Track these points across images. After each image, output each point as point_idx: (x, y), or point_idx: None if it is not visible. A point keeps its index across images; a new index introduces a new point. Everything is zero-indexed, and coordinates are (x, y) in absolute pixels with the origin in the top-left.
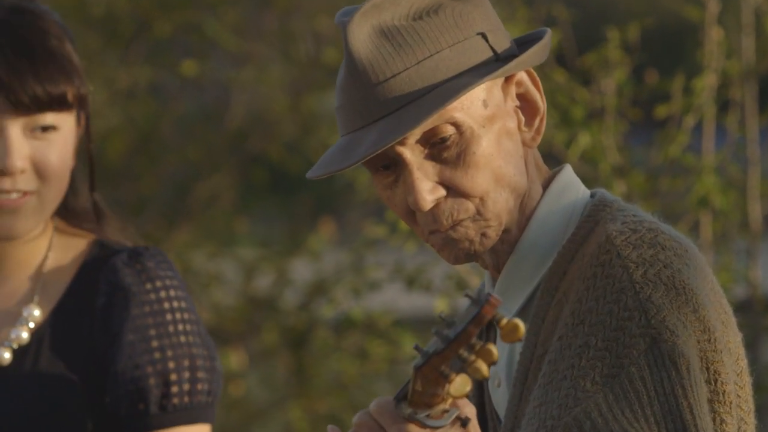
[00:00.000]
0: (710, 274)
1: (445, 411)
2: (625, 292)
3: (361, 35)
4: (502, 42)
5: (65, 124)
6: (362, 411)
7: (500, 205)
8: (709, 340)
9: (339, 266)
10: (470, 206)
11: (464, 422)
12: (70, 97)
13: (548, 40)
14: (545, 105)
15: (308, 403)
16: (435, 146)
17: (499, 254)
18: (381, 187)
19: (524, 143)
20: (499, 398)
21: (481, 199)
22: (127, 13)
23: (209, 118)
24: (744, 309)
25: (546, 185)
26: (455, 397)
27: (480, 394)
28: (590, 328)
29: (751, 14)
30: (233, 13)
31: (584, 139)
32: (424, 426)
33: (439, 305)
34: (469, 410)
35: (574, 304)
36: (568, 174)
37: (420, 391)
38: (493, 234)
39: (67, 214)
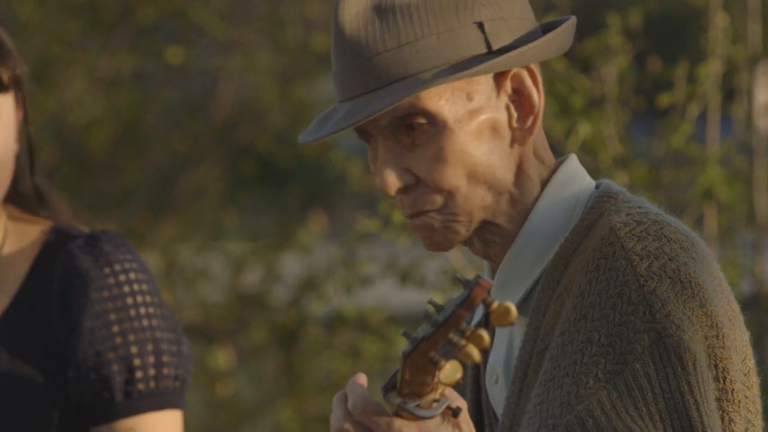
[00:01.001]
0: (717, 270)
1: (436, 401)
2: (629, 286)
3: (354, 8)
4: (503, 35)
5: (4, 108)
6: (339, 414)
7: (472, 202)
8: (717, 336)
9: (330, 261)
10: (438, 198)
11: (455, 412)
12: (5, 79)
13: (557, 34)
14: (542, 103)
15: (299, 402)
16: (407, 134)
17: (491, 246)
18: (369, 159)
19: (515, 140)
20: (497, 395)
21: (450, 192)
22: None
23: (195, 107)
24: (750, 305)
25: (550, 175)
26: (446, 384)
27: (476, 390)
28: (593, 323)
29: None
30: None
31: (584, 129)
32: (413, 417)
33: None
34: (460, 403)
35: (576, 298)
36: (572, 164)
37: (409, 380)
38: (462, 229)
39: (20, 201)
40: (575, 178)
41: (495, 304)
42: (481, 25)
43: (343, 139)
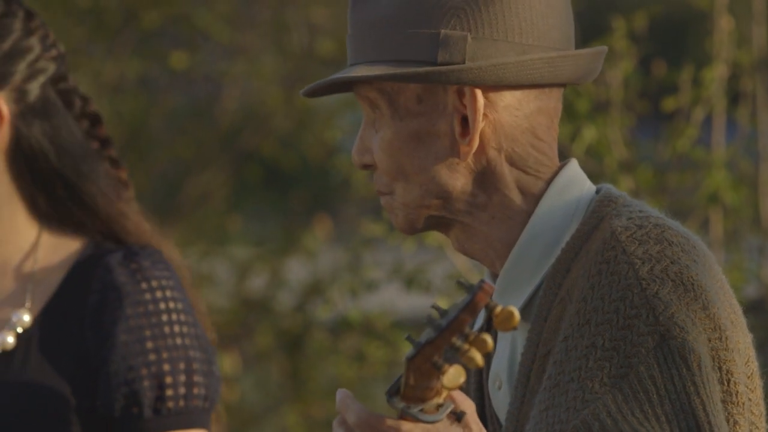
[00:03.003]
0: (719, 273)
1: (440, 405)
2: (631, 290)
3: None
4: (478, 52)
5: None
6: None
7: (410, 199)
8: (720, 338)
9: (335, 266)
10: (387, 183)
11: (459, 416)
12: None
13: (535, 59)
14: (478, 128)
15: (304, 407)
16: (375, 114)
17: (466, 243)
18: None
19: (460, 152)
20: (500, 400)
21: (393, 180)
22: (114, 3)
23: (200, 112)
24: (755, 309)
25: (546, 185)
26: (449, 389)
27: (480, 396)
28: (596, 327)
29: (763, 2)
30: (224, 3)
31: (589, 133)
32: (417, 420)
33: (440, 304)
34: (468, 405)
35: (578, 303)
36: (573, 169)
37: (413, 385)
38: (411, 217)
39: (65, 216)
40: (575, 183)
41: (498, 309)
42: (437, 36)
43: (349, 144)
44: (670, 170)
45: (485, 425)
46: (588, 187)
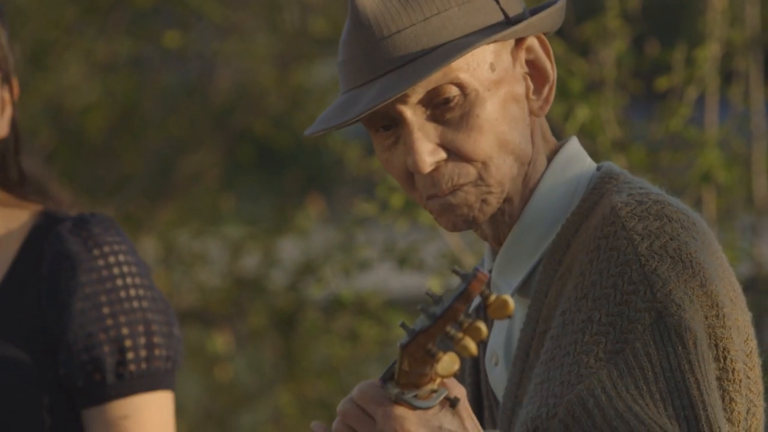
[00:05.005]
0: (719, 250)
1: (434, 391)
2: (630, 265)
3: None
4: (515, 6)
5: None
6: (346, 398)
7: (503, 172)
8: (718, 315)
9: (328, 245)
10: (471, 171)
11: (453, 403)
12: None
13: (561, 5)
14: (555, 73)
15: (297, 387)
16: (438, 107)
17: (499, 225)
18: (380, 149)
19: (532, 112)
20: (497, 378)
21: (484, 163)
22: None
23: (193, 91)
24: (748, 288)
25: (552, 157)
26: (443, 377)
27: (476, 373)
28: (594, 302)
29: None
30: None
31: (582, 113)
32: (411, 407)
33: (432, 285)
34: (459, 391)
35: (577, 277)
36: (574, 146)
37: (407, 371)
38: (494, 201)
39: (9, 186)
40: (576, 159)
41: (492, 297)
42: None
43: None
44: (663, 149)
45: (481, 401)
46: (589, 164)
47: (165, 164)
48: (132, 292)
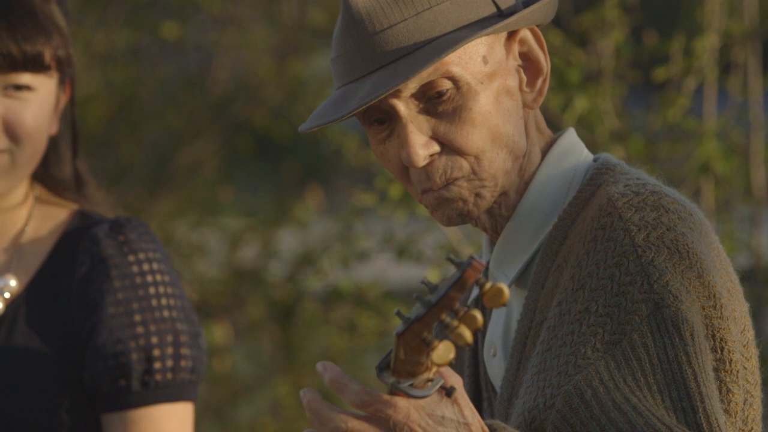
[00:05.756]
0: (716, 240)
1: (429, 380)
2: (627, 256)
3: None
4: None
5: (43, 86)
6: (343, 414)
7: (497, 165)
8: (715, 306)
9: (326, 236)
10: (465, 164)
11: (449, 392)
12: (47, 57)
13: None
14: (549, 65)
15: (296, 378)
16: (431, 101)
17: (497, 217)
18: (375, 143)
19: (525, 104)
20: (495, 368)
21: (476, 157)
22: None
23: (191, 83)
24: (746, 279)
25: (548, 148)
26: (438, 365)
27: (474, 364)
28: (591, 293)
29: None
30: None
31: (581, 103)
32: (407, 395)
33: (430, 276)
34: (455, 380)
35: (574, 268)
36: (570, 137)
37: (403, 360)
38: (488, 195)
39: (50, 183)
40: (573, 151)
41: (488, 285)
42: None
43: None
44: (662, 140)
45: (480, 392)
46: (585, 155)
47: (163, 155)
48: (164, 301)
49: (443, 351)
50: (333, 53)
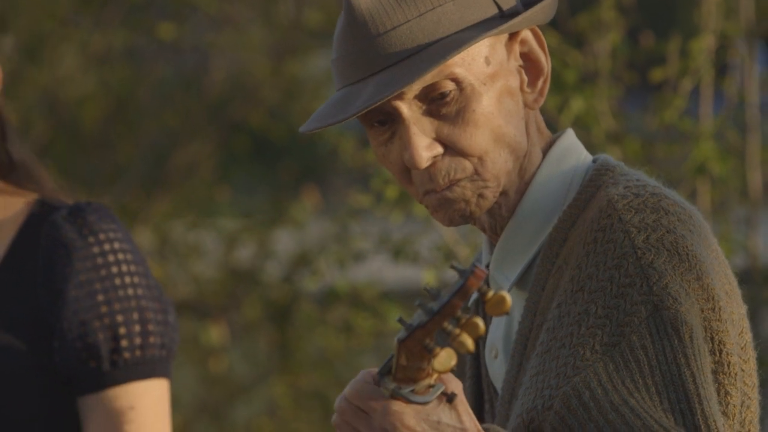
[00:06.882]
0: (715, 243)
1: (431, 386)
2: (627, 258)
3: None
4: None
5: None
6: (341, 396)
7: (499, 166)
8: (713, 309)
9: (323, 236)
10: (468, 165)
11: (450, 398)
12: None
13: (552, 1)
14: (550, 66)
15: (292, 379)
16: (434, 102)
17: (497, 217)
18: (376, 144)
19: (526, 104)
20: (496, 370)
21: (480, 158)
22: None
23: (188, 83)
24: (743, 280)
25: (547, 149)
26: (440, 372)
27: (476, 365)
28: (590, 294)
29: None
30: None
31: (577, 104)
32: (408, 402)
33: (427, 277)
34: (455, 386)
35: (573, 270)
36: (569, 138)
37: (404, 366)
38: (491, 195)
39: (4, 173)
40: (572, 152)
41: (490, 294)
42: None
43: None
44: (658, 141)
45: (481, 394)
46: (585, 156)
47: (160, 156)
48: (127, 279)
49: (445, 358)
50: (334, 54)
